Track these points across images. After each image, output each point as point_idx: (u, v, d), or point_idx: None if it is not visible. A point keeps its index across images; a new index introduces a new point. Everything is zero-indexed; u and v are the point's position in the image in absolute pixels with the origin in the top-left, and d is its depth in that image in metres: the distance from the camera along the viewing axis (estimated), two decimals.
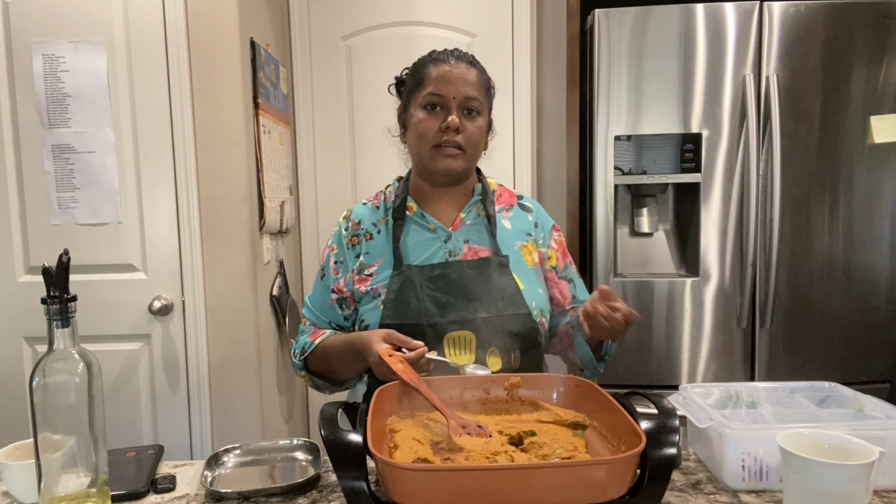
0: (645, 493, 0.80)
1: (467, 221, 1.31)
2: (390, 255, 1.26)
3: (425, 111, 1.23)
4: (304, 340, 1.31)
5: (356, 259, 1.30)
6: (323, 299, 1.34)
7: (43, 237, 1.95)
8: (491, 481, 0.75)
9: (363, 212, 1.35)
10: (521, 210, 1.39)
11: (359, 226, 1.33)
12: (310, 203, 2.61)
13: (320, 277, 1.35)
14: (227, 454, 1.15)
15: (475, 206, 1.33)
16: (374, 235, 1.31)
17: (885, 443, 0.90)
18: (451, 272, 1.23)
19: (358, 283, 1.28)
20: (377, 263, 1.28)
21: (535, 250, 1.34)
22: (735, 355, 2.22)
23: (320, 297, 1.34)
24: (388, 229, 1.30)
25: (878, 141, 2.15)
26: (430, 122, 1.22)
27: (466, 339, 1.20)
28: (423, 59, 1.29)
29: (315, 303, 1.35)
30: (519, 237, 1.33)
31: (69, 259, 0.88)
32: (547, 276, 1.36)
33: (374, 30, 2.53)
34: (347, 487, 0.80)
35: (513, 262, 1.28)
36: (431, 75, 1.23)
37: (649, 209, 2.35)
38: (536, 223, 1.38)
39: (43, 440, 0.86)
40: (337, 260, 1.32)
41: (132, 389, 2.00)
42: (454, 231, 1.29)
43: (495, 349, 1.21)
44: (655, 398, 0.92)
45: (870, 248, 2.19)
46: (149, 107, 1.93)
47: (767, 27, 2.13)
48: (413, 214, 1.30)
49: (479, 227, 1.31)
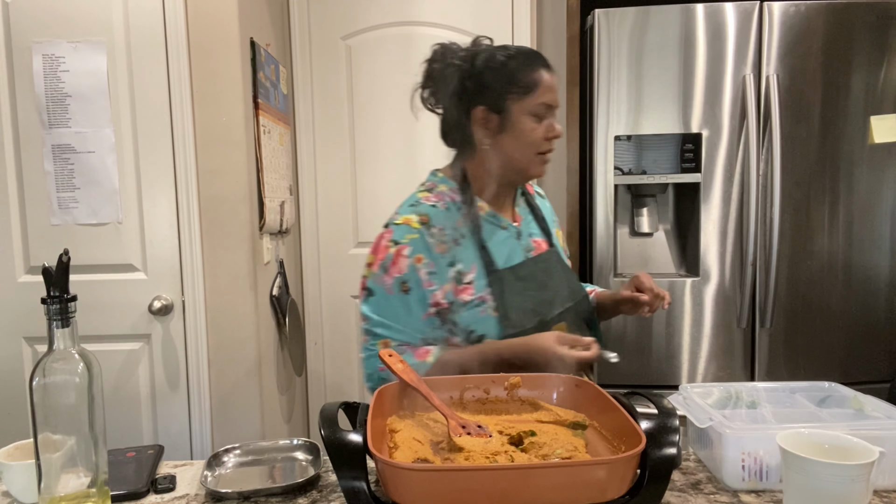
0: (645, 493, 0.80)
1: (522, 215, 1.35)
2: (480, 260, 1.22)
3: (534, 119, 1.21)
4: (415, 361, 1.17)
5: (449, 268, 1.21)
6: (416, 314, 1.20)
7: (43, 237, 1.95)
8: (491, 481, 0.75)
9: (441, 216, 1.24)
10: (542, 197, 1.46)
11: (443, 231, 1.22)
12: (310, 203, 2.61)
13: (402, 291, 1.19)
14: (227, 454, 1.15)
15: (521, 199, 1.37)
16: (459, 241, 1.23)
17: (885, 443, 0.90)
18: (535, 269, 1.27)
19: (460, 294, 1.20)
20: (472, 270, 1.22)
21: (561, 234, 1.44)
22: (735, 355, 2.22)
23: (411, 313, 1.20)
24: (469, 233, 1.24)
25: (878, 141, 2.15)
26: (537, 130, 1.22)
27: (562, 331, 1.21)
28: (523, 57, 1.22)
29: (401, 319, 1.20)
30: (552, 223, 1.41)
31: (69, 259, 0.88)
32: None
33: (374, 30, 2.53)
34: (347, 487, 0.80)
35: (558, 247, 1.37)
36: (543, 83, 1.21)
37: (649, 209, 2.35)
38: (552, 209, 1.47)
39: (43, 440, 0.86)
40: (430, 271, 1.20)
41: (132, 389, 2.00)
42: (519, 227, 1.32)
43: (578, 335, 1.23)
44: (655, 398, 0.92)
45: (870, 248, 2.19)
46: (149, 107, 1.93)
47: (767, 27, 2.13)
48: (486, 215, 1.27)
49: (530, 219, 1.36)
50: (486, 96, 1.22)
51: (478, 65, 1.22)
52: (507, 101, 1.21)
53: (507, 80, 1.21)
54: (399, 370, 0.99)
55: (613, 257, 2.25)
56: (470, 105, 1.23)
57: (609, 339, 1.51)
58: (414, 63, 1.30)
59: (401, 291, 1.20)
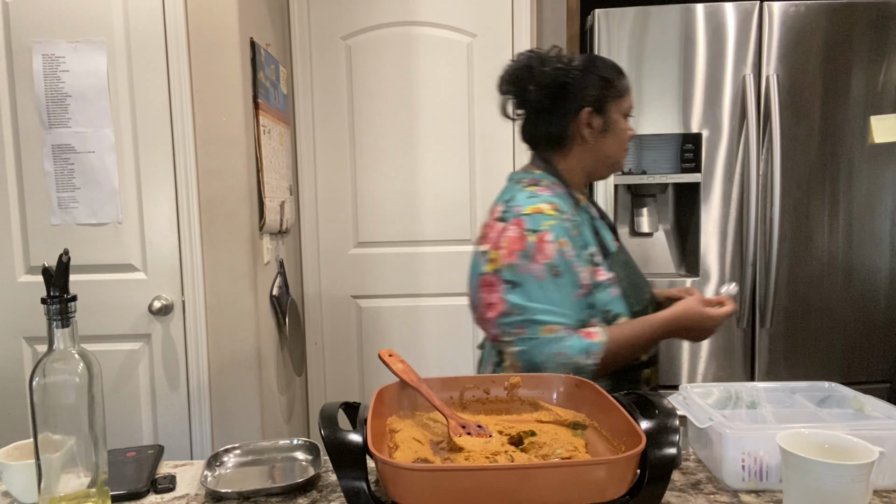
0: (645, 493, 0.80)
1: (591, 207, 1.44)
2: (597, 244, 1.33)
3: (626, 121, 1.37)
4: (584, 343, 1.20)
5: (583, 250, 1.27)
6: (569, 297, 1.23)
7: (43, 237, 1.95)
8: (491, 481, 0.75)
9: (565, 204, 1.31)
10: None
11: (572, 218, 1.30)
12: (310, 203, 2.61)
13: (553, 275, 1.21)
14: (227, 454, 1.15)
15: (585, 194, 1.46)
16: (580, 227, 1.31)
17: (885, 443, 0.90)
18: (625, 255, 1.40)
19: (596, 275, 1.28)
20: (597, 253, 1.32)
21: None
22: (735, 355, 2.22)
23: (566, 296, 1.22)
24: (584, 220, 1.35)
25: (878, 141, 2.15)
26: (630, 130, 1.38)
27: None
28: (615, 69, 1.37)
29: (559, 303, 1.21)
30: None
31: (69, 259, 0.88)
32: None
33: (374, 30, 2.53)
34: (347, 487, 0.80)
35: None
36: (629, 90, 1.37)
37: (649, 209, 2.35)
38: None
39: (43, 440, 0.86)
40: (574, 254, 1.24)
41: (132, 389, 2.00)
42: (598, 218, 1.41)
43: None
44: (655, 398, 0.92)
45: (870, 248, 2.19)
46: (149, 107, 1.93)
47: (767, 27, 2.13)
48: (584, 205, 1.38)
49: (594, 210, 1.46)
50: (590, 99, 1.32)
51: (580, 70, 1.32)
52: (608, 104, 1.33)
53: (607, 85, 1.33)
54: (399, 370, 0.99)
55: None
56: (575, 107, 1.32)
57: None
58: (414, 63, 1.30)
59: (552, 276, 1.21)
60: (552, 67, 1.31)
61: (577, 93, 1.32)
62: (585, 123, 1.32)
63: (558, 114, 1.33)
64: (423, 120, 2.53)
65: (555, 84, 1.31)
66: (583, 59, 1.35)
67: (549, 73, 1.31)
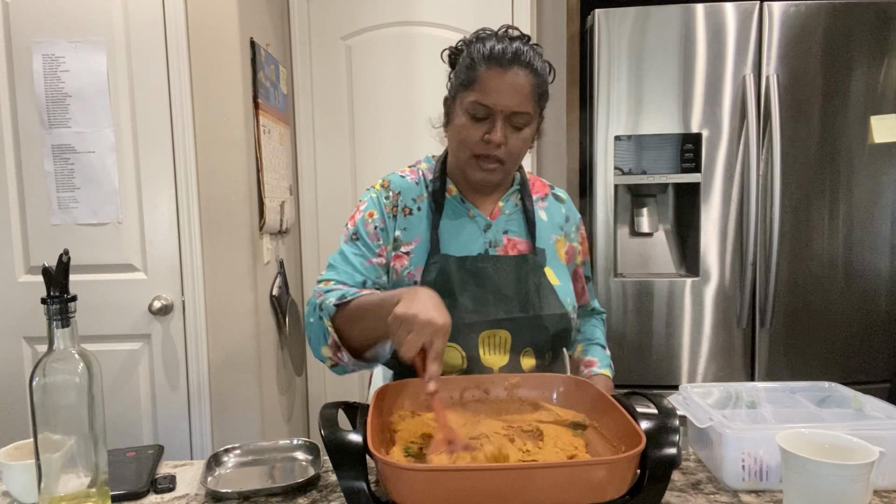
0: (645, 493, 0.80)
1: (506, 211, 1.26)
2: (427, 238, 1.21)
3: (469, 118, 1.15)
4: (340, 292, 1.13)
5: (395, 231, 1.23)
6: (362, 258, 1.21)
7: (43, 237, 1.95)
8: (491, 481, 0.75)
9: (403, 184, 1.26)
10: (556, 201, 1.35)
11: (399, 197, 1.24)
12: (310, 203, 2.61)
13: (351, 239, 1.23)
14: (227, 454, 1.15)
15: (514, 195, 1.28)
16: (413, 212, 1.23)
17: (885, 443, 0.90)
18: (489, 267, 1.19)
19: (395, 260, 1.22)
20: (414, 242, 1.22)
21: (566, 244, 1.32)
22: (735, 355, 2.22)
23: (357, 257, 1.21)
24: (427, 209, 1.23)
25: (878, 141, 2.15)
26: (472, 130, 1.14)
27: (502, 339, 1.17)
28: (478, 48, 1.15)
29: (348, 262, 1.21)
30: (554, 230, 1.30)
31: (69, 259, 0.88)
32: (576, 270, 1.36)
33: (374, 30, 2.53)
34: (347, 487, 0.80)
35: (548, 256, 1.25)
36: (482, 79, 1.12)
37: (649, 209, 2.35)
38: (568, 217, 1.34)
39: (43, 440, 0.86)
40: (377, 226, 1.22)
41: (132, 389, 2.00)
42: (493, 220, 1.25)
43: (530, 349, 1.19)
44: (655, 398, 0.92)
45: (870, 248, 2.19)
46: (149, 107, 1.93)
47: (767, 27, 2.13)
48: (452, 198, 1.25)
49: (518, 218, 1.27)
50: (451, 83, 1.22)
51: (464, 46, 1.20)
52: (457, 91, 1.18)
53: (462, 71, 1.17)
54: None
55: (613, 257, 2.25)
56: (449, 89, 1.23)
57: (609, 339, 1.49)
58: (414, 63, 1.29)
59: (351, 240, 1.24)
60: (457, 44, 1.21)
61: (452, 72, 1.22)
62: (444, 109, 1.23)
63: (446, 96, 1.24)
64: (423, 120, 2.53)
65: (448, 60, 1.23)
66: (471, 36, 1.20)
67: (452, 46, 1.22)
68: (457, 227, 1.23)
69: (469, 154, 1.17)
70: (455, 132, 1.18)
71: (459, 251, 1.21)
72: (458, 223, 1.23)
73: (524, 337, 1.18)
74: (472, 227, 1.24)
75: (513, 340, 1.17)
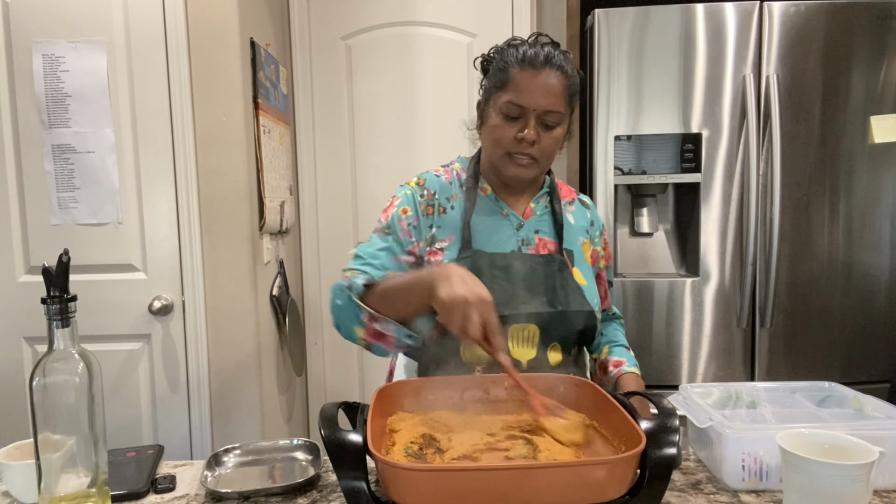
0: (645, 493, 0.80)
1: (537, 212, 1.30)
2: (460, 234, 1.24)
3: (502, 117, 1.19)
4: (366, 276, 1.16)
5: (429, 229, 1.25)
6: (389, 255, 1.23)
7: (43, 237, 1.95)
8: (491, 481, 0.75)
9: (437, 183, 1.29)
10: (581, 206, 1.39)
11: (433, 196, 1.27)
12: (310, 203, 2.61)
13: (384, 233, 1.25)
14: (227, 454, 1.15)
15: (544, 197, 1.32)
16: (447, 210, 1.26)
17: (885, 443, 0.90)
18: (519, 263, 1.22)
19: (430, 255, 1.24)
20: (449, 240, 1.24)
21: (590, 248, 1.36)
22: (735, 355, 2.22)
23: (386, 253, 1.23)
24: (462, 206, 1.26)
25: (878, 141, 2.15)
26: (506, 129, 1.19)
27: (531, 333, 1.19)
28: (511, 52, 1.21)
29: (377, 257, 1.22)
30: (580, 233, 1.34)
31: (69, 259, 0.88)
32: (599, 274, 1.39)
33: (374, 30, 2.53)
34: (347, 487, 0.80)
35: (576, 257, 1.30)
36: (515, 80, 1.18)
37: (649, 209, 2.35)
38: (592, 221, 1.39)
39: (43, 440, 0.86)
40: (411, 223, 1.25)
41: (132, 389, 2.00)
42: (526, 220, 1.28)
43: (557, 344, 1.22)
44: (655, 398, 0.92)
45: (870, 248, 2.19)
46: (149, 107, 1.93)
47: (767, 27, 2.13)
48: (487, 196, 1.28)
49: (548, 220, 1.30)
50: (485, 86, 1.27)
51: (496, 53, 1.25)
52: (490, 93, 1.24)
53: (496, 74, 1.23)
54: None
55: (614, 257, 2.25)
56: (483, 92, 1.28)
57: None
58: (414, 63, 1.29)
59: (384, 233, 1.26)
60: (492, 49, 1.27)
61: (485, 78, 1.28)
62: (478, 112, 1.29)
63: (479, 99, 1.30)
64: (423, 120, 2.53)
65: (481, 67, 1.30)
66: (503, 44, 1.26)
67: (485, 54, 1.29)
68: (490, 224, 1.26)
69: (503, 152, 1.21)
70: (489, 132, 1.23)
71: (492, 248, 1.24)
72: (491, 221, 1.27)
73: (552, 332, 1.21)
74: (505, 224, 1.27)
75: (541, 335, 1.20)
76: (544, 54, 1.18)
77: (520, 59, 1.18)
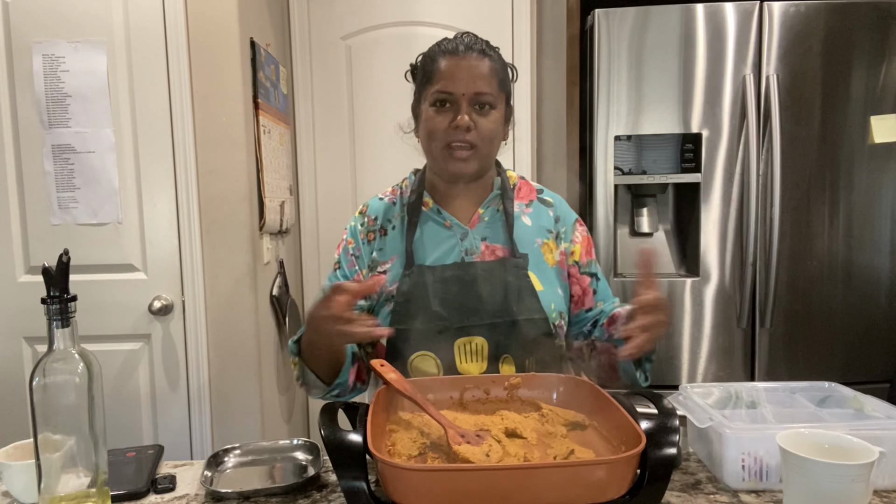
0: (645, 493, 0.80)
1: (485, 218, 1.24)
2: (403, 253, 1.21)
3: (434, 108, 1.17)
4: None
5: (370, 255, 1.25)
6: None
7: (43, 237, 1.95)
8: (491, 481, 0.75)
9: (379, 207, 1.30)
10: (542, 205, 1.31)
11: (375, 222, 1.28)
12: (310, 203, 2.61)
13: (335, 270, 1.29)
14: (227, 454, 1.15)
15: (494, 201, 1.26)
16: (388, 231, 1.26)
17: (885, 443, 0.90)
18: (464, 274, 1.17)
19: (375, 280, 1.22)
20: (390, 261, 1.22)
21: (556, 248, 1.27)
22: (735, 355, 2.21)
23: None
24: (403, 225, 1.24)
25: (878, 141, 2.15)
26: (439, 119, 1.17)
27: (478, 345, 1.15)
28: (433, 49, 1.22)
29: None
30: (539, 234, 1.26)
31: (69, 259, 0.88)
32: (570, 271, 1.29)
33: (374, 30, 2.53)
34: (347, 487, 0.80)
35: (532, 261, 1.22)
36: (440, 69, 1.17)
37: (649, 209, 2.35)
38: (558, 218, 1.30)
39: (43, 440, 0.86)
40: (354, 254, 1.26)
41: (132, 389, 2.00)
42: (471, 228, 1.23)
43: (509, 356, 1.17)
44: (655, 398, 0.92)
45: (870, 248, 2.19)
46: (149, 107, 1.93)
47: (767, 27, 2.13)
48: (429, 210, 1.25)
49: (497, 224, 1.24)
50: (414, 92, 1.27)
51: (416, 62, 1.26)
52: (420, 92, 1.23)
53: (421, 70, 1.23)
54: (392, 380, 0.98)
55: (613, 257, 2.25)
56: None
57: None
58: None
59: (333, 270, 1.29)
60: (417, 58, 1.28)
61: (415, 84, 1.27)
62: (413, 116, 1.28)
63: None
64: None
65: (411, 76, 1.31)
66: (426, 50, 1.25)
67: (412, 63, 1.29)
68: (432, 238, 1.23)
69: (441, 145, 1.17)
70: (423, 126, 1.21)
71: (434, 261, 1.20)
72: (433, 235, 1.23)
73: (501, 343, 1.16)
74: (447, 236, 1.23)
75: (489, 347, 1.16)
76: (465, 42, 1.18)
77: (442, 50, 1.19)
